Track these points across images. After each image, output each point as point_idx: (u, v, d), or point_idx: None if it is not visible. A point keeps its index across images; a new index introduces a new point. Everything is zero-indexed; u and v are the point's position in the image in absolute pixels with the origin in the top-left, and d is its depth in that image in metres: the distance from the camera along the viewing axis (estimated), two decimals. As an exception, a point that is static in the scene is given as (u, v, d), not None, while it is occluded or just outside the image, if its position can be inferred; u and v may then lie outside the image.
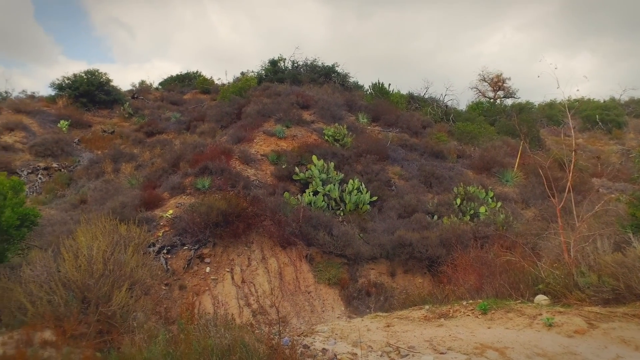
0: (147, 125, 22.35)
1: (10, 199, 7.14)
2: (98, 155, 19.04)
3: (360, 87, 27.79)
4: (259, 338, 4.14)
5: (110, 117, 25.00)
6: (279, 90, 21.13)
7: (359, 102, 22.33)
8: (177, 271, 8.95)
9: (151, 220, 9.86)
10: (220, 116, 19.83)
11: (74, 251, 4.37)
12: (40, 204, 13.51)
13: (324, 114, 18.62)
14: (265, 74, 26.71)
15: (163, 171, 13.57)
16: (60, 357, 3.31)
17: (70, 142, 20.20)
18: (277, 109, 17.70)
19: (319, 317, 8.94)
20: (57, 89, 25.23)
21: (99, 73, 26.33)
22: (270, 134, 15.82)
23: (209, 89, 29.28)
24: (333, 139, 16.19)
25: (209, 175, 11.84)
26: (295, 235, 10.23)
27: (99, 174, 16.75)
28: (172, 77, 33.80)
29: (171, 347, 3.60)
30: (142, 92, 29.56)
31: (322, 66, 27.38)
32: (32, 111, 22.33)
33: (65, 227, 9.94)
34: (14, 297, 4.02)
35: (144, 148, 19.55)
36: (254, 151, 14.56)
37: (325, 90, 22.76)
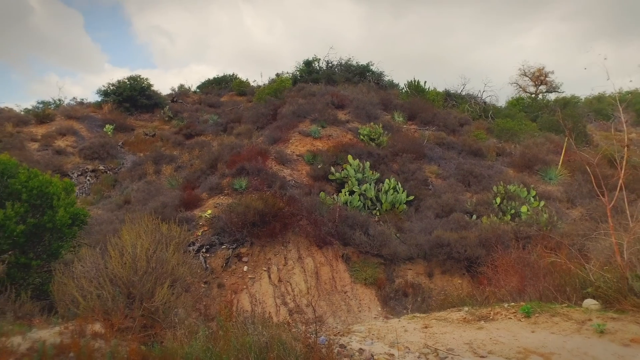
0: (186, 127, 23.04)
1: (63, 200, 7.55)
2: (140, 158, 19.83)
3: (395, 85, 27.49)
4: (295, 336, 4.17)
5: (152, 120, 25.96)
6: (314, 90, 21.22)
7: (395, 101, 22.08)
8: (216, 270, 9.17)
9: (191, 220, 10.15)
10: (256, 117, 20.14)
11: (120, 249, 4.56)
12: (88, 204, 14.21)
13: (359, 114, 18.53)
14: (300, 75, 26.89)
15: (202, 172, 13.94)
16: (109, 349, 3.45)
17: (115, 145, 21.14)
18: (312, 109, 17.78)
19: (355, 317, 8.91)
20: (103, 95, 26.50)
21: (141, 79, 27.42)
22: (306, 134, 15.91)
23: (245, 91, 29.82)
24: (368, 139, 16.08)
25: (246, 175, 12.05)
26: (331, 235, 10.24)
27: (142, 176, 17.45)
28: (209, 81, 34.67)
29: (211, 343, 3.67)
30: (181, 96, 30.49)
31: (357, 65, 27.26)
32: (81, 117, 23.55)
33: (111, 226, 10.40)
34: (68, 291, 4.24)
35: (183, 150, 20.17)
36: (289, 151, 14.70)
37: (360, 89, 22.65)
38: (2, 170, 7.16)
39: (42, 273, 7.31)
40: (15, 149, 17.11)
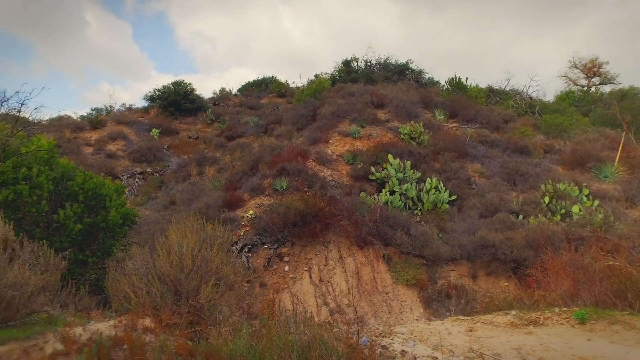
0: (228, 129, 23.64)
1: (114, 201, 7.97)
2: (184, 160, 20.56)
3: (435, 83, 26.94)
4: (337, 336, 4.17)
5: (195, 123, 26.83)
6: (353, 90, 21.16)
7: (435, 99, 21.63)
8: (258, 269, 9.35)
9: (233, 220, 10.40)
10: (295, 118, 20.34)
11: (167, 248, 4.73)
12: (137, 205, 14.89)
13: (399, 112, 18.30)
14: (339, 75, 26.90)
15: (243, 173, 14.25)
16: (159, 343, 3.60)
17: (161, 148, 22.04)
18: (351, 109, 17.74)
19: (396, 318, 8.81)
20: (149, 100, 27.71)
21: (184, 83, 28.42)
22: (346, 134, 15.90)
23: (285, 93, 30.19)
24: (409, 137, 15.85)
25: (287, 176, 12.20)
26: (372, 235, 10.18)
27: (186, 177, 18.08)
28: (249, 83, 35.39)
29: (254, 340, 3.74)
30: (223, 99, 31.30)
31: (396, 64, 26.94)
32: (130, 122, 24.74)
33: (158, 225, 10.85)
34: (121, 287, 4.46)
35: (225, 151, 20.70)
36: (329, 152, 14.74)
37: (399, 88, 22.37)
38: (63, 173, 7.64)
39: (97, 269, 7.74)
40: (72, 154, 18.22)
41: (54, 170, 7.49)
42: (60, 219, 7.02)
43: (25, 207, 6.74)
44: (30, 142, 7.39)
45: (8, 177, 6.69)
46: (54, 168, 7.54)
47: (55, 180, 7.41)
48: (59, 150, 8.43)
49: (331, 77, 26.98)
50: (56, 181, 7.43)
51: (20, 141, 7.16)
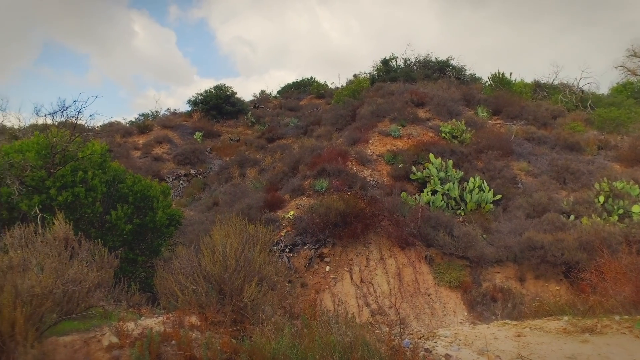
0: (268, 131, 24.02)
1: (161, 202, 8.30)
2: (226, 162, 21.08)
3: (477, 79, 26.15)
4: (379, 338, 4.15)
5: (236, 126, 27.46)
6: (392, 89, 20.92)
7: (478, 96, 21.00)
8: (299, 269, 9.44)
9: (274, 221, 10.55)
10: (335, 119, 20.36)
11: (211, 248, 4.85)
12: (182, 206, 15.42)
13: (439, 111, 17.92)
14: (378, 74, 26.67)
15: (284, 174, 14.43)
16: (204, 340, 3.71)
17: (204, 151, 22.72)
18: (391, 109, 17.55)
19: (439, 320, 8.62)
20: (192, 104, 28.63)
21: (225, 87, 29.15)
22: (386, 134, 15.75)
23: (324, 94, 30.28)
24: (451, 136, 15.48)
25: (327, 177, 12.24)
26: (413, 236, 10.02)
27: (228, 179, 18.55)
28: (288, 85, 35.78)
29: (296, 340, 3.77)
30: (263, 101, 31.82)
31: (436, 61, 26.39)
32: (174, 126, 25.68)
33: (202, 226, 11.19)
34: (168, 285, 4.63)
35: (266, 153, 21.05)
36: (369, 152, 14.65)
37: (440, 85, 21.89)
38: (114, 176, 8.04)
39: (146, 268, 8.08)
40: (122, 157, 19.14)
41: (106, 173, 7.90)
42: (112, 219, 7.39)
43: (81, 208, 7.16)
44: (86, 147, 7.84)
45: (67, 180, 7.13)
46: (106, 171, 7.96)
47: (108, 182, 7.81)
48: (110, 155, 8.88)
49: (370, 77, 26.78)
50: (108, 184, 7.83)
51: (77, 147, 7.61)
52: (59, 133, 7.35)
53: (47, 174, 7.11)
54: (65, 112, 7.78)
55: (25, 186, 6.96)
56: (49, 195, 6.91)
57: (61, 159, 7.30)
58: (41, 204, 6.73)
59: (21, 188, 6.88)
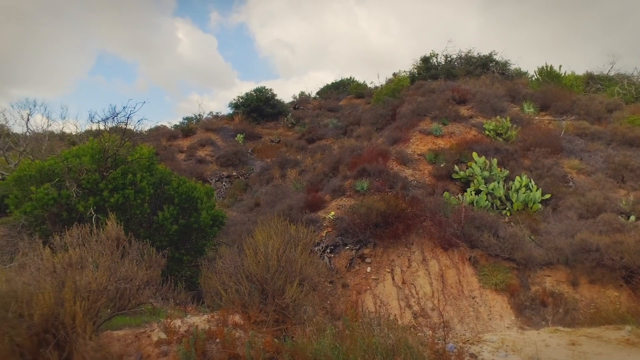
0: (308, 132, 24.18)
1: (205, 203, 8.55)
2: (268, 163, 21.41)
3: (523, 74, 25.08)
4: (422, 341, 4.07)
5: (276, 127, 27.84)
6: (433, 87, 20.50)
7: (523, 91, 20.13)
8: (340, 270, 9.43)
9: (315, 221, 10.60)
10: (375, 119, 20.20)
11: (253, 248, 4.95)
12: (225, 207, 15.81)
13: (483, 108, 17.36)
14: (418, 72, 26.22)
15: (324, 175, 14.47)
16: (248, 339, 3.78)
17: (246, 153, 23.19)
18: (432, 107, 17.20)
19: (484, 324, 8.33)
20: (234, 107, 29.33)
21: (266, 89, 29.62)
22: (427, 133, 15.45)
23: (363, 93, 30.14)
24: (495, 134, 14.96)
25: (367, 177, 12.16)
26: (457, 237, 9.76)
27: (269, 180, 18.82)
28: (327, 86, 35.89)
29: (338, 341, 3.77)
30: (302, 103, 32.08)
31: (478, 56, 25.59)
32: (216, 128, 26.40)
33: (244, 226, 11.42)
34: (212, 284, 4.77)
35: (306, 154, 21.19)
36: (410, 151, 14.42)
37: (483, 81, 21.20)
38: (160, 178, 8.37)
39: (191, 267, 8.34)
40: (168, 160, 19.90)
41: (153, 175, 8.24)
42: (159, 220, 7.70)
43: (131, 209, 7.50)
44: (135, 151, 8.22)
45: (118, 183, 7.50)
46: (153, 174, 8.30)
47: (155, 184, 8.14)
48: (157, 158, 9.25)
49: (410, 75, 26.36)
50: (155, 185, 8.16)
51: (127, 150, 7.99)
52: (110, 138, 7.75)
53: (101, 177, 7.51)
54: (116, 118, 8.20)
55: (82, 188, 7.39)
56: (102, 197, 7.30)
57: (113, 163, 7.69)
58: (95, 205, 7.12)
59: (78, 190, 7.31)
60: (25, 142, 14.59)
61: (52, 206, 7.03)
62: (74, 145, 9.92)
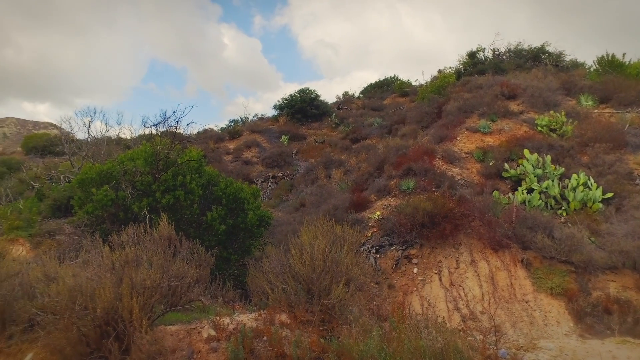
0: (352, 132, 24.10)
1: (251, 204, 8.73)
2: (312, 164, 21.54)
3: (580, 64, 23.66)
4: (472, 346, 3.93)
5: (320, 128, 27.97)
6: (480, 82, 19.80)
7: (580, 83, 18.97)
8: (386, 270, 9.31)
9: (360, 221, 10.53)
10: (420, 117, 19.82)
11: (299, 248, 4.99)
12: (271, 208, 16.08)
13: (534, 102, 16.54)
14: (464, 68, 25.46)
15: (369, 175, 14.36)
16: (294, 338, 3.82)
17: (290, 154, 23.47)
18: (479, 103, 16.62)
19: (539, 330, 7.92)
20: (278, 109, 29.77)
21: (309, 90, 29.83)
22: (474, 130, 14.95)
23: (407, 92, 29.67)
24: (548, 129, 14.21)
25: (413, 176, 11.95)
26: (507, 237, 9.36)
27: (314, 180, 18.93)
28: (371, 85, 35.61)
29: (384, 343, 3.72)
30: (346, 103, 32.02)
31: (529, 49, 24.47)
32: (262, 130, 26.92)
33: (290, 227, 11.55)
34: (259, 284, 4.86)
35: (351, 154, 21.13)
36: (457, 149, 14.02)
37: (534, 75, 20.20)
38: (209, 179, 8.65)
39: (239, 266, 8.56)
40: (215, 162, 20.52)
41: (202, 177, 8.53)
42: (208, 220, 7.95)
43: (181, 209, 7.81)
44: (184, 153, 8.55)
45: (169, 184, 7.82)
46: (202, 175, 8.59)
47: (203, 186, 8.42)
48: (205, 160, 9.57)
49: (455, 71, 25.62)
50: (204, 187, 8.44)
51: (177, 153, 8.33)
52: (161, 142, 8.10)
53: (153, 179, 7.87)
54: (167, 122, 8.56)
55: (136, 190, 7.78)
56: (154, 198, 7.64)
57: (164, 165, 8.04)
58: (149, 206, 7.47)
59: (133, 192, 7.70)
60: (87, 147, 15.57)
61: (110, 207, 7.45)
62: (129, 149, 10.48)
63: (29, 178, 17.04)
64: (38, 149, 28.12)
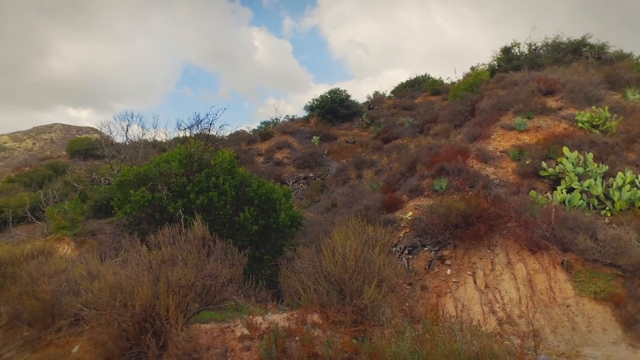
0: (383, 132, 23.92)
1: (283, 204, 8.81)
2: (343, 164, 21.53)
3: (626, 56, 22.48)
4: (510, 350, 3.80)
5: (351, 128, 27.90)
6: (515, 78, 19.20)
7: (626, 75, 18.03)
8: (419, 271, 9.17)
9: (392, 222, 10.43)
10: (452, 115, 19.44)
11: (331, 249, 4.98)
12: (302, 208, 16.17)
13: (574, 98, 15.87)
14: (498, 64, 24.77)
15: (400, 175, 14.20)
16: (326, 338, 3.82)
17: (321, 154, 23.53)
18: (514, 100, 16.12)
19: (583, 337, 7.57)
20: (309, 110, 29.91)
21: (340, 91, 29.83)
22: (509, 128, 14.51)
23: (439, 90, 29.19)
24: (590, 125, 13.60)
25: (446, 176, 11.73)
26: (546, 239, 9.02)
27: (345, 180, 18.91)
28: (402, 84, 35.22)
29: (417, 345, 3.67)
30: (377, 102, 31.81)
31: (568, 42, 23.49)
32: (293, 131, 27.13)
33: (321, 227, 11.57)
34: (291, 284, 4.89)
35: (382, 154, 20.97)
36: (491, 148, 13.65)
37: (574, 69, 19.40)
38: (241, 180, 8.79)
39: (271, 266, 8.64)
40: (248, 163, 20.85)
41: (234, 178, 8.68)
42: (240, 220, 8.08)
43: (215, 210, 7.97)
44: (217, 155, 8.72)
45: (203, 186, 8.01)
46: (234, 176, 8.74)
47: (236, 187, 8.57)
48: (237, 161, 9.73)
49: (489, 68, 24.95)
50: (237, 188, 8.58)
51: (210, 155, 8.51)
52: (195, 144, 8.31)
53: (187, 180, 8.08)
54: (200, 125, 8.77)
55: (171, 191, 8.00)
56: (189, 199, 7.84)
57: (198, 167, 8.24)
58: (183, 207, 7.67)
59: (168, 193, 7.93)
60: (125, 150, 16.17)
61: (147, 207, 7.70)
62: (164, 152, 10.80)
63: (73, 180, 17.90)
64: (81, 152, 29.46)
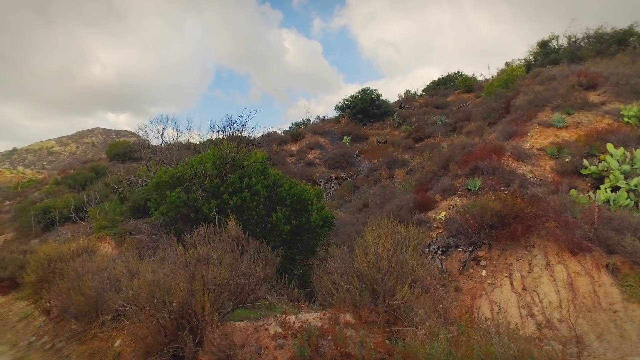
0: (415, 131, 23.61)
1: (315, 205, 8.85)
2: (375, 164, 21.40)
3: (680, 44, 21.22)
4: (550, 356, 3.67)
5: (382, 128, 27.68)
6: (553, 73, 18.49)
7: (678, 66, 17.05)
8: (452, 272, 8.99)
9: (425, 222, 10.27)
10: (486, 113, 18.96)
11: (364, 249, 4.97)
12: (334, 208, 16.18)
13: (619, 91, 15.12)
14: (535, 59, 23.94)
15: (433, 174, 13.98)
16: (359, 338, 3.81)
17: (353, 154, 23.47)
18: (552, 96, 15.54)
19: (633, 346, 7.18)
20: (340, 110, 29.88)
21: (370, 90, 29.64)
22: (547, 125, 14.00)
23: (472, 87, 28.54)
24: (637, 120, 12.93)
25: (480, 175, 11.46)
26: (588, 240, 8.63)
27: (377, 180, 18.78)
28: (433, 82, 34.66)
29: (452, 347, 3.61)
30: (408, 101, 31.43)
31: (612, 32, 22.38)
32: (324, 132, 27.19)
33: (353, 227, 11.53)
34: (324, 283, 4.91)
35: (414, 153, 20.71)
36: (528, 146, 13.21)
37: (619, 61, 18.47)
38: (273, 181, 8.89)
39: (303, 266, 8.69)
40: (279, 164, 21.06)
41: (267, 179, 8.78)
42: (273, 220, 8.17)
43: (248, 210, 8.09)
44: (250, 156, 8.86)
45: (236, 186, 8.15)
46: (267, 177, 8.85)
47: (268, 187, 8.67)
48: (269, 162, 9.85)
49: (525, 63, 24.15)
50: (269, 188, 8.68)
51: (243, 156, 8.66)
52: (228, 145, 8.47)
53: (221, 181, 8.25)
54: (232, 126, 8.93)
55: (206, 192, 8.19)
56: (222, 200, 8.00)
57: (231, 168, 8.39)
58: (217, 207, 7.83)
59: (203, 194, 8.12)
60: (161, 152, 16.68)
61: (182, 208, 7.92)
62: (198, 153, 11.07)
63: (113, 182, 18.65)
64: (120, 155, 30.63)
